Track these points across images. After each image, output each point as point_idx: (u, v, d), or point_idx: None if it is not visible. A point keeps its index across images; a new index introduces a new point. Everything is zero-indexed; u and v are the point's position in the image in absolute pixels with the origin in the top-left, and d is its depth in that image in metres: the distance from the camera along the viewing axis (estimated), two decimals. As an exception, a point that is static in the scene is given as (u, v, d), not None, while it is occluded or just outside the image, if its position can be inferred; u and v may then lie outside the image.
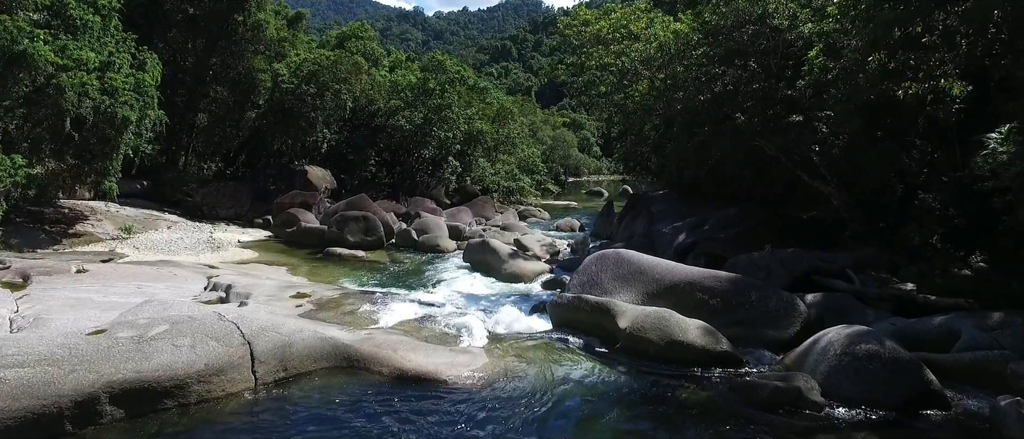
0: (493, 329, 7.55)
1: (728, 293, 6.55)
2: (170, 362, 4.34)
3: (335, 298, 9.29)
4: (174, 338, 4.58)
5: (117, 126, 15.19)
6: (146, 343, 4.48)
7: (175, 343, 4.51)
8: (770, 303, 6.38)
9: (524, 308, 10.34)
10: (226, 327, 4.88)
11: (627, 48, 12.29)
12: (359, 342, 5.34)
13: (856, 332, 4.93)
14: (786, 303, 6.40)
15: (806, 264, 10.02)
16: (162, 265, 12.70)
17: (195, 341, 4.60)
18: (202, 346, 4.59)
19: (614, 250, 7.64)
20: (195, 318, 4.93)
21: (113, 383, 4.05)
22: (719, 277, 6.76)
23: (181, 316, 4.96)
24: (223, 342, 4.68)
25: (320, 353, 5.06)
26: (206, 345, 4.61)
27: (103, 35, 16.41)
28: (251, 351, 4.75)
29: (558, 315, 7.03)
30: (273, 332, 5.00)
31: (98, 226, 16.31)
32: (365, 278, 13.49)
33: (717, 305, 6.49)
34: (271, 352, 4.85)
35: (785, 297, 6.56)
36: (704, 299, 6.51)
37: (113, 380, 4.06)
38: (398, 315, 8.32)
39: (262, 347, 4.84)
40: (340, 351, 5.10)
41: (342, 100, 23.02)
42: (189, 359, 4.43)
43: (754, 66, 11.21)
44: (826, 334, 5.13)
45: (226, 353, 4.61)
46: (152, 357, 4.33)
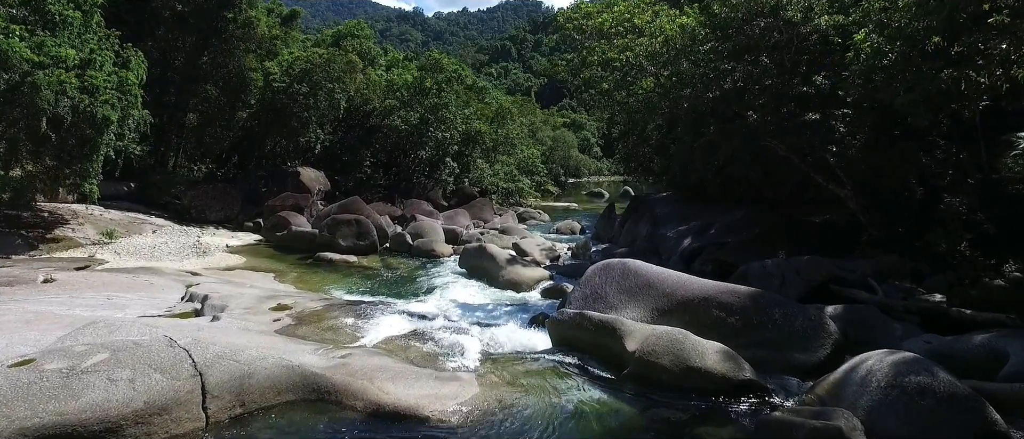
0: (487, 347, 6.89)
1: (748, 310, 5.87)
2: (102, 400, 3.68)
3: (318, 311, 8.62)
4: (112, 370, 3.92)
5: (97, 126, 14.53)
6: (77, 377, 3.82)
7: (111, 377, 3.85)
8: (796, 322, 5.71)
9: (522, 320, 9.67)
10: (175, 355, 4.22)
11: (631, 43, 11.64)
12: (332, 370, 4.68)
13: (902, 360, 4.28)
14: (814, 322, 5.73)
15: (824, 272, 9.36)
16: (140, 272, 12.03)
17: (136, 373, 3.94)
18: (143, 379, 3.93)
19: (619, 260, 6.97)
20: (140, 345, 4.28)
21: (27, 430, 3.38)
22: (738, 292, 6.08)
23: (124, 342, 4.30)
24: (169, 374, 4.02)
25: (285, 384, 4.40)
26: (148, 378, 3.95)
27: (84, 32, 15.75)
28: (202, 384, 4.09)
29: (558, 333, 6.36)
30: (231, 360, 4.34)
31: (79, 230, 15.65)
32: (355, 286, 12.83)
33: (736, 324, 5.81)
34: (227, 384, 4.19)
35: (813, 315, 5.88)
36: (721, 317, 5.83)
37: (27, 426, 3.38)
38: (384, 330, 7.66)
39: (216, 379, 4.18)
40: (309, 381, 4.44)
41: (336, 99, 22.35)
42: (126, 396, 3.76)
43: (766, 61, 10.56)
44: (865, 361, 4.48)
45: (171, 387, 3.94)
46: (81, 395, 3.67)
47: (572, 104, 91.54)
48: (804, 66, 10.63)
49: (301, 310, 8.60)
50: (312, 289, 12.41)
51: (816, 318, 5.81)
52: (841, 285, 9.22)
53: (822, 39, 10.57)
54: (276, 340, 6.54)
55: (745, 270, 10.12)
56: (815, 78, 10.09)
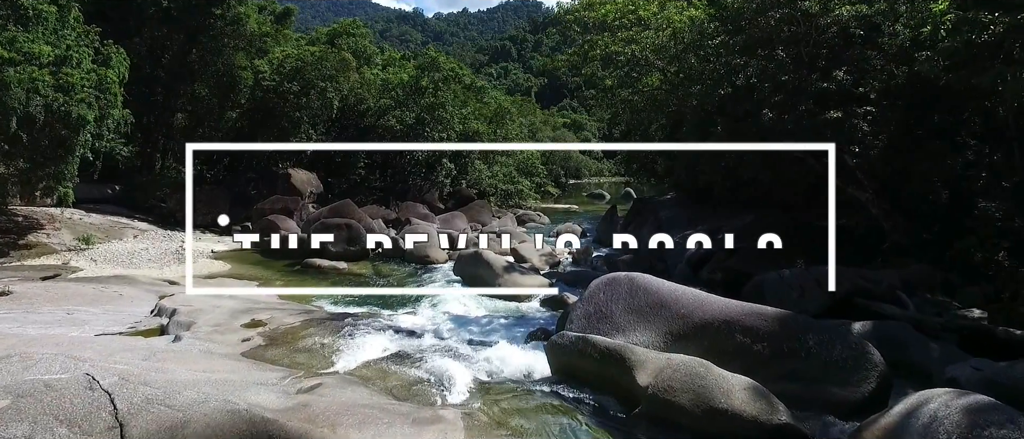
0: (478, 374, 6.12)
1: (777, 336, 5.08)
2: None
3: (294, 327, 7.86)
4: (7, 424, 3.18)
5: (72, 126, 13.78)
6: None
7: (4, 433, 3.10)
8: (834, 350, 4.93)
9: (519, 336, 8.92)
10: (93, 401, 3.47)
11: (636, 35, 10.87)
12: (288, 414, 3.92)
13: (976, 406, 3.53)
14: (855, 351, 4.94)
15: (848, 284, 8.58)
16: (112, 282, 11.28)
17: (36, 428, 3.19)
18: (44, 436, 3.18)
19: (627, 274, 6.20)
20: (53, 387, 3.53)
21: None
22: (764, 314, 5.29)
23: (34, 384, 3.55)
24: (79, 427, 3.27)
25: (230, 433, 3.65)
26: (51, 433, 3.20)
27: (61, 27, 14.99)
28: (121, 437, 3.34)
29: (559, 360, 5.59)
30: (162, 405, 3.59)
31: (54, 236, 14.88)
32: (341, 296, 12.05)
33: (763, 352, 5.02)
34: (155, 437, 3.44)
35: (853, 342, 5.08)
36: (746, 344, 5.05)
37: None
38: (364, 351, 6.91)
39: (140, 430, 3.42)
40: (258, 430, 3.69)
41: (328, 99, 21.57)
42: (15, 462, 3.00)
43: (782, 55, 9.79)
44: (926, 403, 3.72)
45: (80, 446, 3.19)
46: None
47: (572, 104, 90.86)
48: (823, 60, 9.86)
49: (276, 327, 7.84)
50: (295, 299, 11.65)
51: (857, 346, 5.02)
52: (867, 298, 8.45)
53: (842, 31, 9.80)
54: (237, 367, 5.77)
55: (760, 281, 9.36)
56: (836, 73, 9.33)
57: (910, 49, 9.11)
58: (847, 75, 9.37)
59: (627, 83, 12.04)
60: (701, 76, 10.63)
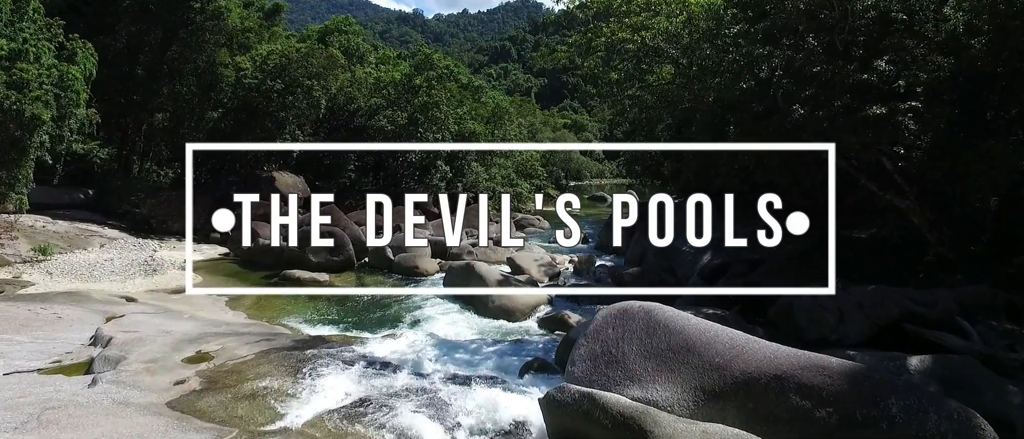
0: (457, 434, 4.91)
1: (847, 398, 3.76)
2: None
3: (245, 362, 6.65)
4: None
5: (25, 126, 12.59)
6: None
7: None
8: (927, 422, 3.65)
9: (513, 367, 7.72)
10: None
11: (646, 21, 9.66)
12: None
13: None
14: (957, 424, 3.66)
15: (895, 307, 7.37)
16: (58, 300, 10.06)
17: None
18: None
19: (642, 306, 4.98)
20: None
21: None
22: (827, 368, 3.96)
23: None
24: None
25: None
26: None
27: (17, 20, 13.79)
28: None
29: (557, 423, 4.36)
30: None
31: (9, 246, 13.65)
32: (318, 314, 10.87)
33: (829, 420, 3.72)
34: None
35: (956, 412, 3.75)
36: (805, 408, 3.75)
37: None
38: (323, 397, 5.72)
39: None
40: None
41: (315, 98, 20.36)
42: None
43: (813, 44, 8.56)
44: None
45: None
46: None
47: (573, 105, 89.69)
48: (860, 49, 8.63)
49: (222, 362, 6.62)
50: (267, 318, 10.45)
51: (960, 417, 3.72)
52: (919, 324, 7.21)
53: (882, 16, 8.56)
54: (152, 428, 4.57)
55: (789, 302, 8.14)
56: (877, 63, 8.09)
57: (963, 34, 7.90)
58: (890, 65, 8.14)
59: (635, 76, 10.82)
60: (718, 68, 9.41)
